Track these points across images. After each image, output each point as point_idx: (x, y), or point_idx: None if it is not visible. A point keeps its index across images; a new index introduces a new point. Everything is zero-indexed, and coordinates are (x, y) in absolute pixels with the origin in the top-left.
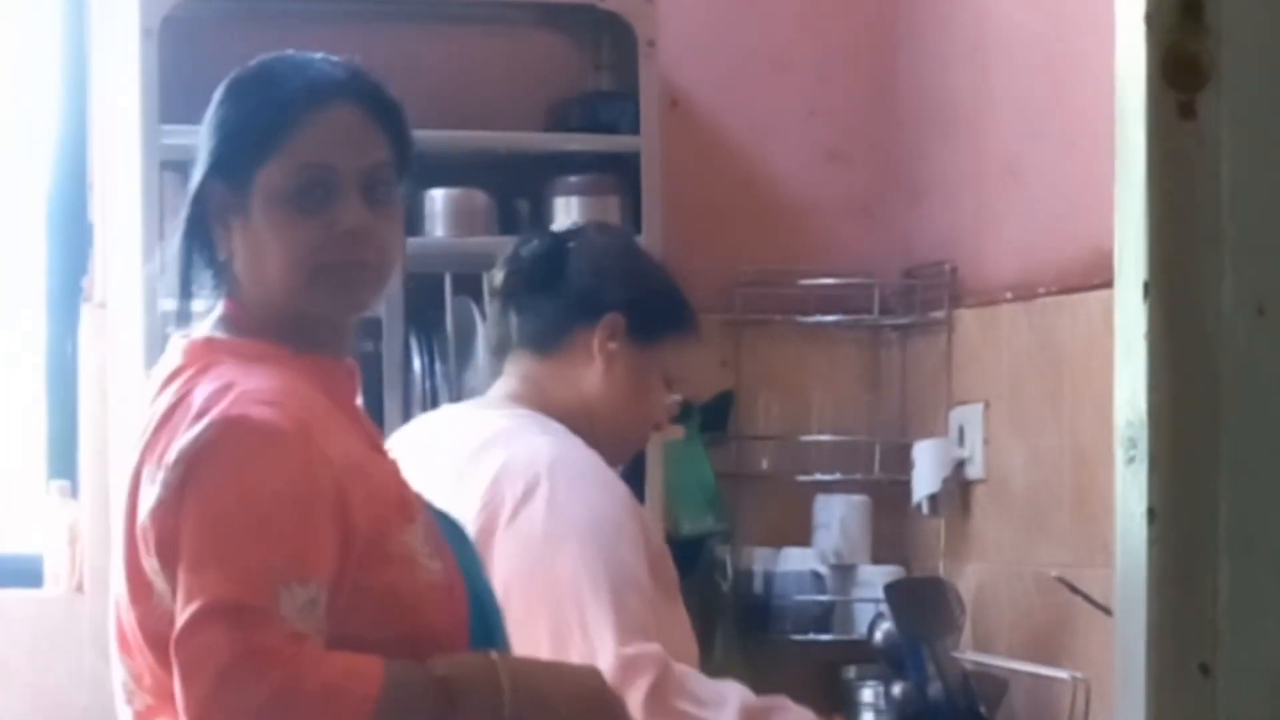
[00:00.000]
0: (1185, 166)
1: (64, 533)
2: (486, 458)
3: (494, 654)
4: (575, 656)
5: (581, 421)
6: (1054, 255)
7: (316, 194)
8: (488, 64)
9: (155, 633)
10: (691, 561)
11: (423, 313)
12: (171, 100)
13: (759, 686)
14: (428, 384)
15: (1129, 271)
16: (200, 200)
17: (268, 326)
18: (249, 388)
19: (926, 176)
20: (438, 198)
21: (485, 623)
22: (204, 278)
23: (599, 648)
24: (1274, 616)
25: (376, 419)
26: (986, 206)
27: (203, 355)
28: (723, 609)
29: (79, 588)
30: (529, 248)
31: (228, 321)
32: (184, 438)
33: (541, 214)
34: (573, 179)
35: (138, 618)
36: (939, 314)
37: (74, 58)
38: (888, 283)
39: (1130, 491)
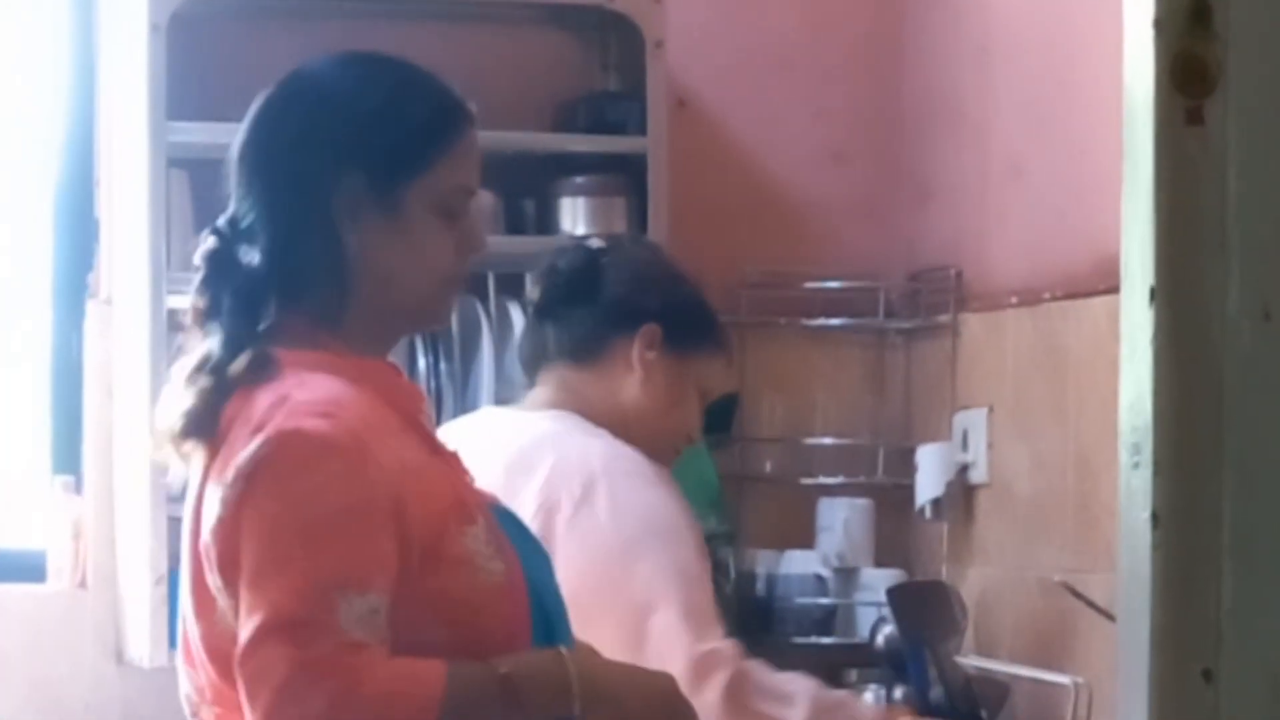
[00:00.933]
0: (1192, 172)
1: (67, 528)
2: (536, 458)
3: (563, 650)
4: (650, 657)
5: (618, 430)
6: (1059, 260)
7: (459, 210)
8: (494, 64)
9: (217, 648)
10: None
11: None
12: (179, 97)
13: None
14: (432, 382)
15: (1135, 276)
16: (323, 190)
17: (336, 332)
18: (303, 400)
19: (932, 179)
20: None
21: (547, 623)
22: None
23: (673, 646)
24: (1277, 622)
25: None
26: (992, 210)
27: (264, 368)
28: (725, 611)
29: (82, 583)
30: (565, 260)
31: (286, 332)
32: (241, 454)
33: (548, 214)
34: (579, 179)
35: (201, 633)
36: (944, 318)
37: (81, 53)
38: (893, 286)
39: (1134, 496)
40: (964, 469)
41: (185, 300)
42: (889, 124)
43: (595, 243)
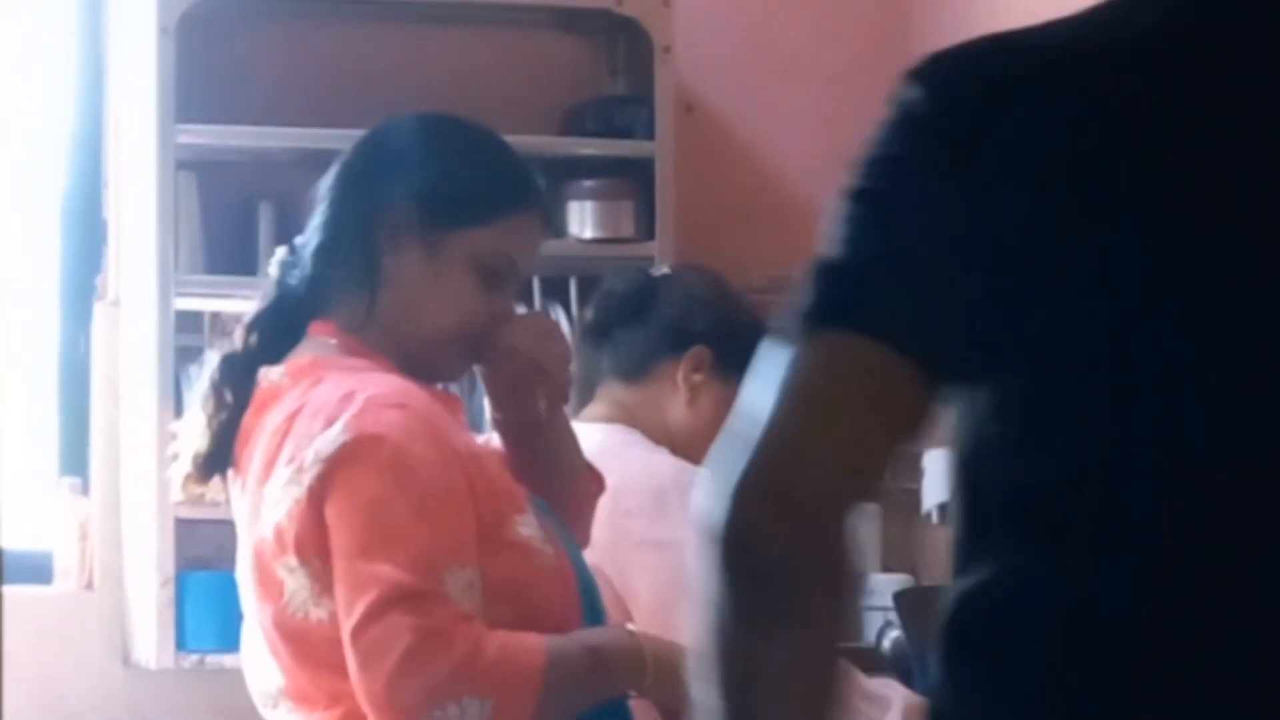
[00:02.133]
0: None
1: (74, 530)
2: (600, 466)
3: (632, 628)
4: None
5: (664, 447)
6: None
7: (499, 278)
8: (503, 67)
9: (290, 629)
10: None
11: None
12: (187, 99)
13: None
14: (444, 386)
15: None
16: (373, 206)
17: (374, 348)
18: (374, 393)
19: None
20: None
21: (592, 605)
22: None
23: None
24: None
25: None
26: None
27: (309, 372)
28: None
29: (88, 585)
30: (620, 283)
31: (323, 343)
32: (320, 441)
33: (555, 218)
34: (587, 183)
35: (273, 616)
36: None
37: (90, 55)
38: None
39: None
40: None
41: (193, 303)
42: None
43: (654, 269)
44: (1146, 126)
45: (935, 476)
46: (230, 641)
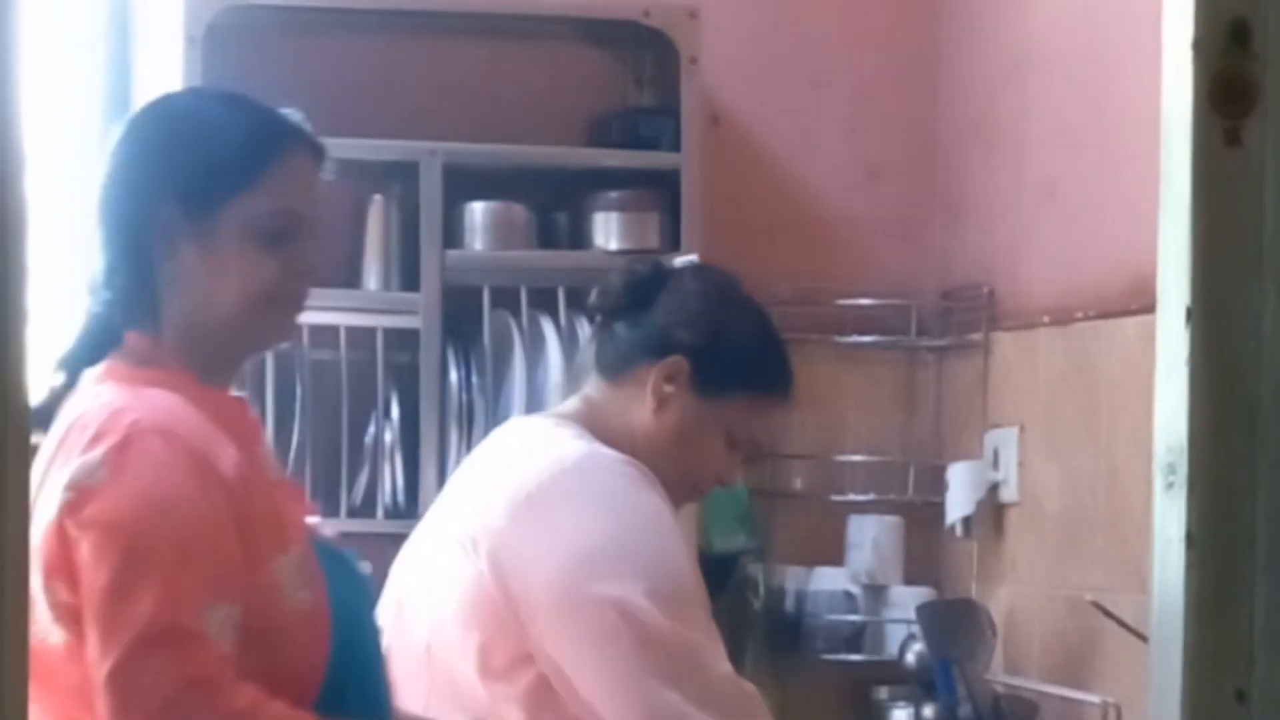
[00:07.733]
0: (1229, 193)
1: None
2: (517, 459)
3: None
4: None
5: (626, 451)
6: (1092, 279)
7: (284, 233)
8: (529, 78)
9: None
10: (724, 579)
11: (460, 325)
12: None
13: (789, 705)
14: (464, 396)
15: (1171, 297)
16: (144, 219)
17: (177, 355)
18: (141, 415)
19: (966, 197)
20: (477, 211)
21: (352, 654)
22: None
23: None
24: None
25: (412, 430)
26: (1025, 228)
27: (97, 381)
28: (754, 627)
29: None
30: (628, 273)
31: (131, 352)
32: (77, 464)
33: (580, 229)
34: (612, 194)
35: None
36: (976, 336)
37: (118, 64)
38: (925, 304)
39: (1168, 516)
40: (995, 487)
41: None
42: (923, 141)
43: (673, 261)
44: None
45: (959, 490)
46: None
